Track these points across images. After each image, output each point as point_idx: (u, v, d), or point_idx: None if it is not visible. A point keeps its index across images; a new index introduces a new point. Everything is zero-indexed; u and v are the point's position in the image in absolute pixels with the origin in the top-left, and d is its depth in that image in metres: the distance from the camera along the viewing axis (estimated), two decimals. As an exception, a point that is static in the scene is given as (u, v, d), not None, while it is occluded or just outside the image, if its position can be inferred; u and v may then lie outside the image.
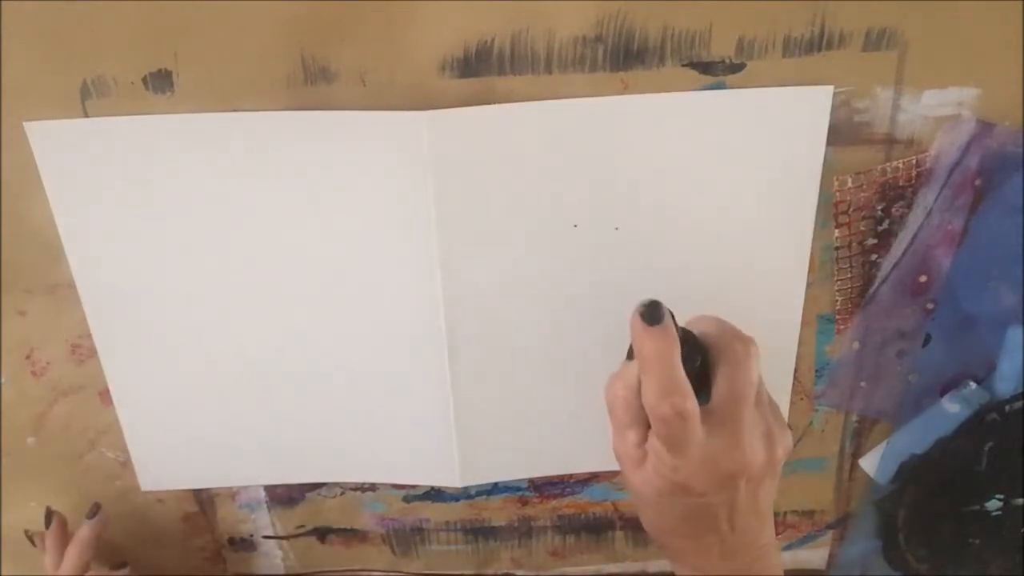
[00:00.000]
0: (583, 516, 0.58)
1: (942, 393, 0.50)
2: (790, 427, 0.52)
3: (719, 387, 0.35)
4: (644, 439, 0.36)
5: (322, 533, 0.59)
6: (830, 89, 0.42)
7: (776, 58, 0.41)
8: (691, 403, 0.34)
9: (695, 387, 0.34)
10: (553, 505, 0.57)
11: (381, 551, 0.60)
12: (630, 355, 0.36)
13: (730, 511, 0.36)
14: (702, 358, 0.36)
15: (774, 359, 0.50)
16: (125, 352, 0.49)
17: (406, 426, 0.52)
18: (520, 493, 0.57)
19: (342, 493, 0.57)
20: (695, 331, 0.37)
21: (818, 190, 0.44)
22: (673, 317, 0.36)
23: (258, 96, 0.42)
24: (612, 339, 0.49)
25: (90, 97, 0.42)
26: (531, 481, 0.56)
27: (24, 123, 0.42)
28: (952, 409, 0.50)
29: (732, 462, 0.34)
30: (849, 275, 0.47)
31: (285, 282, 0.47)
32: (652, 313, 0.35)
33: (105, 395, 0.51)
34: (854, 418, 0.53)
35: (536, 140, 0.43)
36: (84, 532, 0.51)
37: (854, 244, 0.46)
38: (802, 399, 0.52)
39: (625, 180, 0.44)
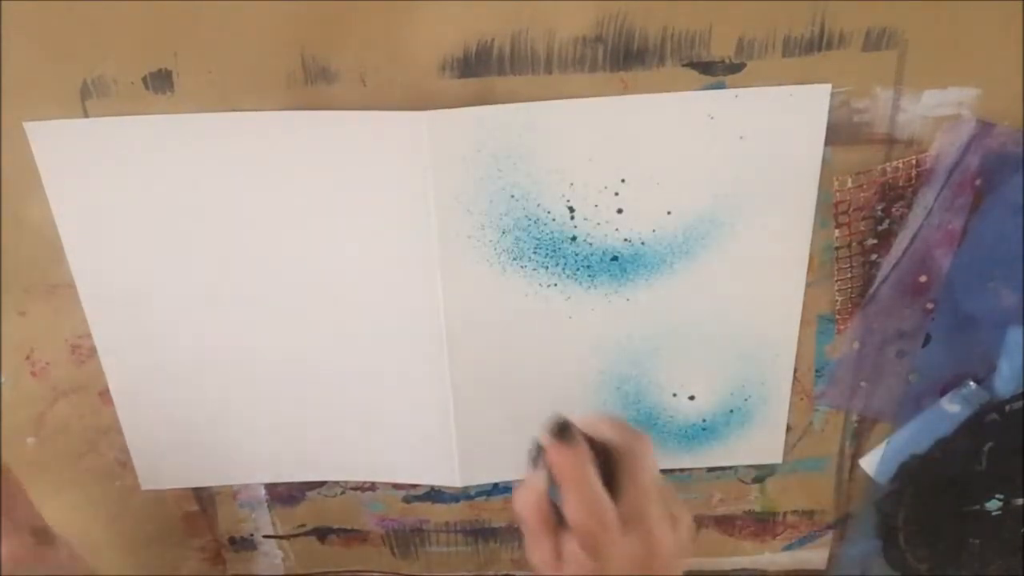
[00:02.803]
0: (583, 516, 0.58)
1: (942, 393, 0.50)
2: (789, 427, 0.52)
3: (626, 487, 0.36)
4: (559, 544, 0.37)
5: (322, 533, 0.59)
6: (828, 87, 0.42)
7: (776, 58, 0.41)
8: (610, 511, 0.35)
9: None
10: (553, 505, 0.57)
11: (381, 552, 0.60)
12: (534, 463, 0.37)
13: None
14: (605, 459, 0.37)
15: (774, 359, 0.50)
16: (125, 352, 0.49)
17: (406, 426, 0.52)
18: (520, 493, 0.57)
19: (342, 492, 0.57)
20: (593, 433, 0.38)
21: (817, 189, 0.44)
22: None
23: (258, 96, 0.42)
24: (612, 338, 0.49)
25: (90, 97, 0.42)
26: (531, 481, 0.56)
27: (24, 123, 0.42)
28: (952, 409, 0.50)
29: (646, 554, 0.36)
30: (849, 275, 0.47)
31: (285, 282, 0.47)
32: (563, 432, 0.36)
33: (105, 395, 0.51)
34: (854, 418, 0.53)
35: (536, 140, 0.43)
36: None
37: (854, 244, 0.46)
38: (802, 399, 0.52)
39: (624, 179, 0.44)
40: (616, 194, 0.45)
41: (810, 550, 0.59)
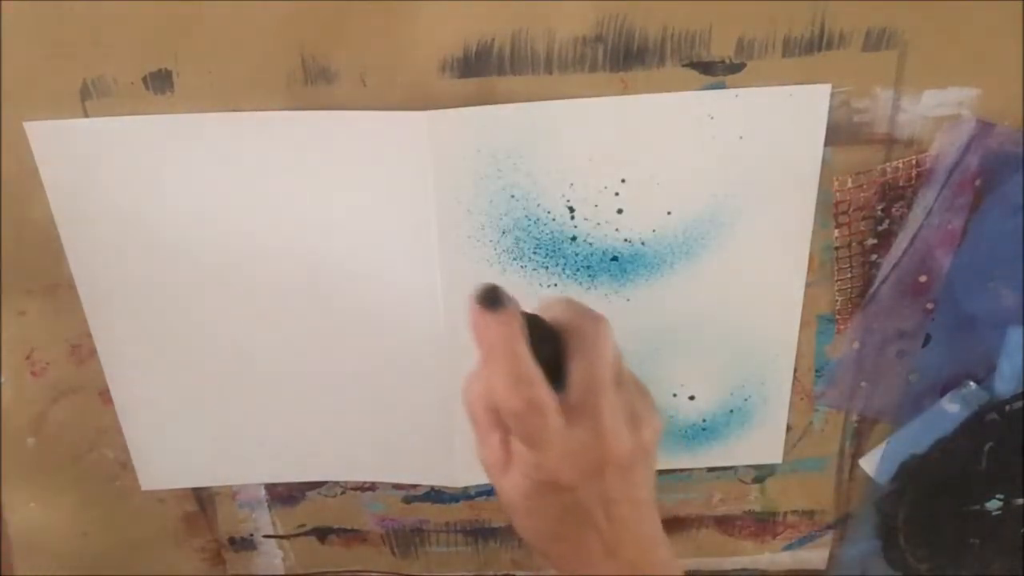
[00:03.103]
0: (583, 516, 0.58)
1: (942, 393, 0.50)
2: (789, 427, 0.52)
3: (574, 372, 0.32)
4: (507, 441, 0.33)
5: (322, 533, 0.59)
6: (827, 87, 0.42)
7: (776, 58, 0.41)
8: (543, 392, 0.31)
9: (551, 376, 0.32)
10: (553, 505, 0.57)
11: (381, 552, 0.60)
12: None
13: (604, 503, 0.33)
14: (554, 344, 0.33)
15: (774, 359, 0.50)
16: (125, 352, 0.49)
17: (406, 426, 0.52)
18: (520, 493, 0.57)
19: (342, 492, 0.57)
20: (545, 316, 0.33)
21: (817, 189, 0.44)
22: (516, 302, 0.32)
23: (258, 96, 0.42)
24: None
25: (90, 97, 0.42)
26: (531, 481, 0.56)
27: (24, 123, 0.42)
28: (952, 409, 0.50)
29: (596, 450, 0.32)
30: (849, 275, 0.47)
31: (285, 282, 0.47)
32: (491, 297, 0.31)
33: (105, 395, 0.51)
34: (854, 418, 0.53)
35: (536, 140, 0.43)
36: None
37: (854, 244, 0.46)
38: (802, 399, 0.52)
39: (624, 179, 0.44)
40: (616, 194, 0.45)
41: (810, 550, 0.59)
